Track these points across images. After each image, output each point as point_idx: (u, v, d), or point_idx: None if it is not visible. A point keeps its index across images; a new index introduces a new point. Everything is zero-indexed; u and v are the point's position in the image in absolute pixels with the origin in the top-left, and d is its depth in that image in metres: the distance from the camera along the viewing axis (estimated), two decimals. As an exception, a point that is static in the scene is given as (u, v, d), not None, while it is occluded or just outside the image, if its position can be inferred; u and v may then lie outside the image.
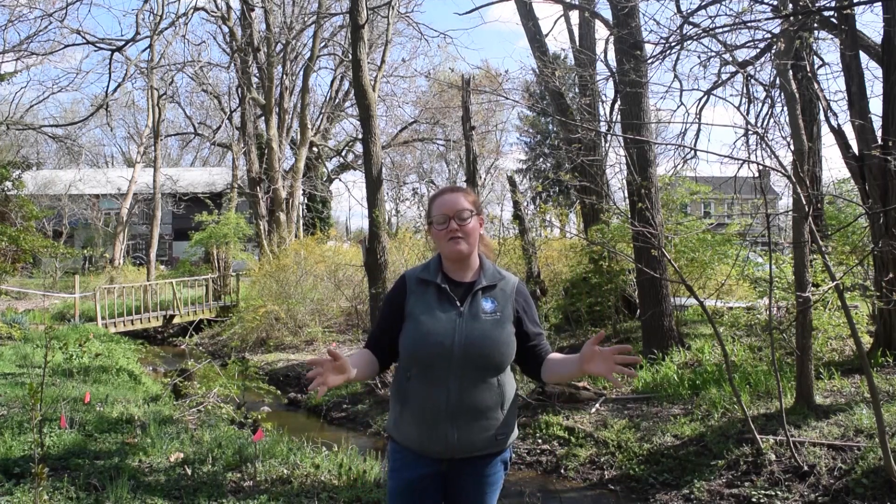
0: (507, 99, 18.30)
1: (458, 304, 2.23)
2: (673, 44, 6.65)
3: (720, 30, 6.71)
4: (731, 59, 7.38)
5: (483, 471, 2.28)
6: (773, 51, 7.23)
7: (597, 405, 7.11)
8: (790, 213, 5.66)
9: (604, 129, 10.70)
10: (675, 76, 11.26)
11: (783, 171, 5.13)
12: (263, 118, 22.54)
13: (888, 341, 7.12)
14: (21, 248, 12.36)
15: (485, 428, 2.22)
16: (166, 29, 22.57)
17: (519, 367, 2.39)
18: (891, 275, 6.41)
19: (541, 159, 37.53)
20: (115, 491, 4.09)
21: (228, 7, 22.23)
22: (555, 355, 2.30)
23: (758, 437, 5.33)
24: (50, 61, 34.21)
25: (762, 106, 8.79)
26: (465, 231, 2.23)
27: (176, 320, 16.80)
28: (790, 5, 5.93)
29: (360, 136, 15.70)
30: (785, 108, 6.39)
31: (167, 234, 36.56)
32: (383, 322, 2.34)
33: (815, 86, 7.74)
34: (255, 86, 22.29)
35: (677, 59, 7.67)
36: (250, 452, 5.01)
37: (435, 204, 2.30)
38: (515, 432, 2.37)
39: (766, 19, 6.91)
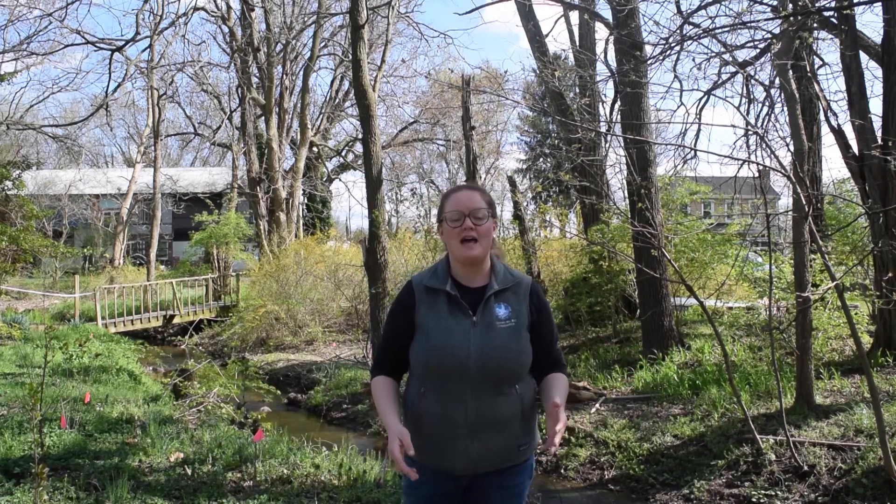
0: (508, 99, 18.32)
1: (471, 312, 2.10)
2: (673, 44, 6.64)
3: (720, 30, 6.71)
4: (731, 59, 7.38)
5: (509, 482, 2.17)
6: (772, 51, 7.23)
7: (597, 405, 7.12)
8: (790, 213, 5.66)
9: (604, 129, 10.68)
10: (675, 76, 11.22)
11: (783, 171, 5.13)
12: (263, 118, 22.55)
13: (888, 341, 7.12)
14: (21, 248, 12.37)
15: (506, 439, 2.11)
16: (166, 29, 22.65)
17: None
18: (890, 275, 6.41)
19: (541, 159, 37.52)
20: (115, 491, 4.09)
21: (228, 7, 22.27)
22: (550, 379, 2.17)
23: (758, 437, 5.33)
24: (50, 61, 34.31)
25: (762, 106, 8.78)
26: (479, 231, 2.10)
27: (176, 320, 16.80)
28: (790, 5, 5.93)
29: (360, 136, 15.69)
30: (785, 108, 6.39)
31: (167, 234, 36.55)
32: (395, 337, 2.19)
33: (815, 86, 7.74)
34: (255, 86, 22.31)
35: (677, 59, 7.65)
36: (250, 452, 5.01)
37: (449, 200, 2.16)
38: (538, 437, 2.24)
39: (766, 20, 6.92)
